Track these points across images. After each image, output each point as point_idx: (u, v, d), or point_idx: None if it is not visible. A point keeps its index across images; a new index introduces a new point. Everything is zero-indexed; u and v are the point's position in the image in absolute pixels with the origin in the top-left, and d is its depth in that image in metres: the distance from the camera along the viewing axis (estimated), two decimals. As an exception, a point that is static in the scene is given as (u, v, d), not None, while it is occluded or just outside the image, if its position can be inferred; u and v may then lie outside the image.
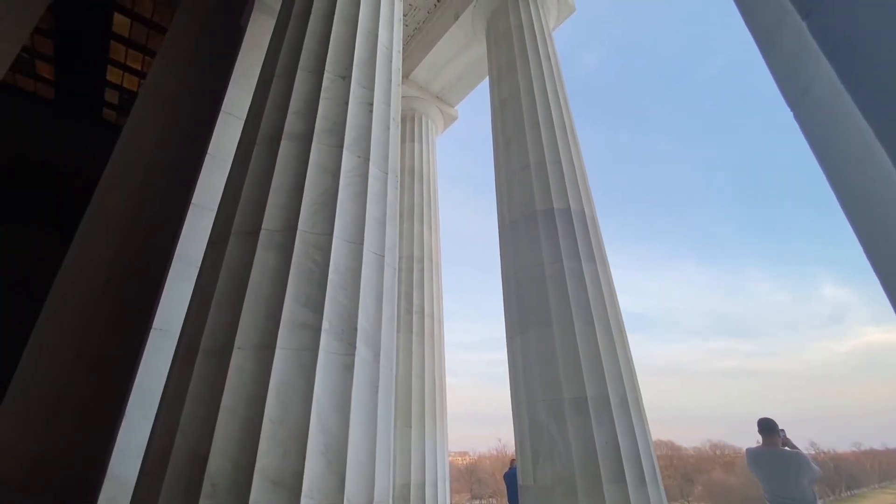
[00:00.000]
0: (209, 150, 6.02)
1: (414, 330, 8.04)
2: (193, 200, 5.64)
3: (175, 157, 6.79)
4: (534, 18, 7.28)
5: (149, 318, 5.04)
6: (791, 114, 1.12)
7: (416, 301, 8.36)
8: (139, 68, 11.67)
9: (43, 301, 5.49)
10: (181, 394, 2.56)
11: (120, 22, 10.35)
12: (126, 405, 4.52)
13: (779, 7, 1.03)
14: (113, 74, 11.84)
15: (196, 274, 3.26)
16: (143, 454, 2.62)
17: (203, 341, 2.66)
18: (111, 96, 12.56)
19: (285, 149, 3.31)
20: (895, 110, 0.84)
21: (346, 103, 3.62)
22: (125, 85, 12.16)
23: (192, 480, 2.28)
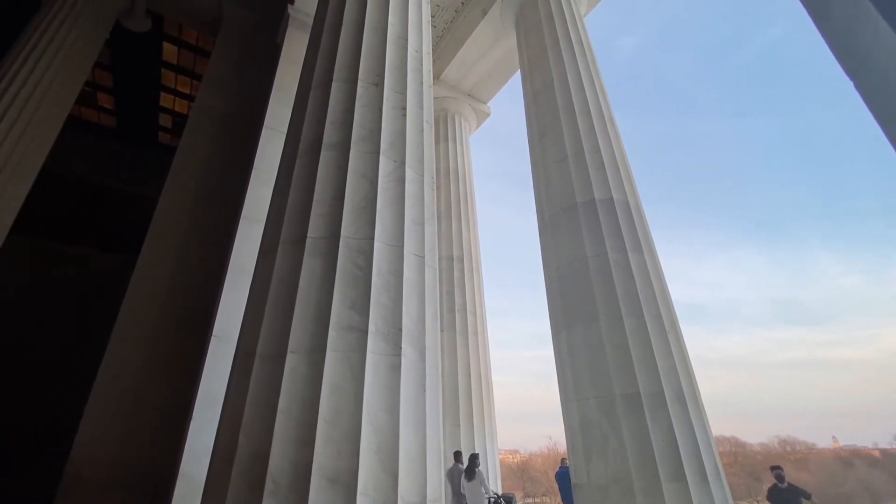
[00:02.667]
0: (255, 165, 6.32)
1: (457, 328, 8.08)
2: (243, 213, 5.94)
3: (224, 172, 7.20)
4: (563, 6, 7.10)
5: (209, 326, 5.36)
6: (851, 83, 1.03)
7: (457, 300, 8.39)
8: (188, 92, 12.44)
9: (114, 317, 5.98)
10: (242, 396, 2.71)
11: (169, 50, 11.08)
12: (193, 408, 4.82)
13: (832, -29, 0.95)
14: (165, 100, 12.69)
15: (249, 283, 3.43)
16: (210, 454, 2.79)
17: (259, 346, 2.81)
18: (165, 120, 13.47)
19: (325, 158, 3.42)
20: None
21: (380, 109, 3.69)
22: (177, 109, 13.01)
23: (255, 479, 2.41)
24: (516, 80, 9.24)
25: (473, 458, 6.08)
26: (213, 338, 5.17)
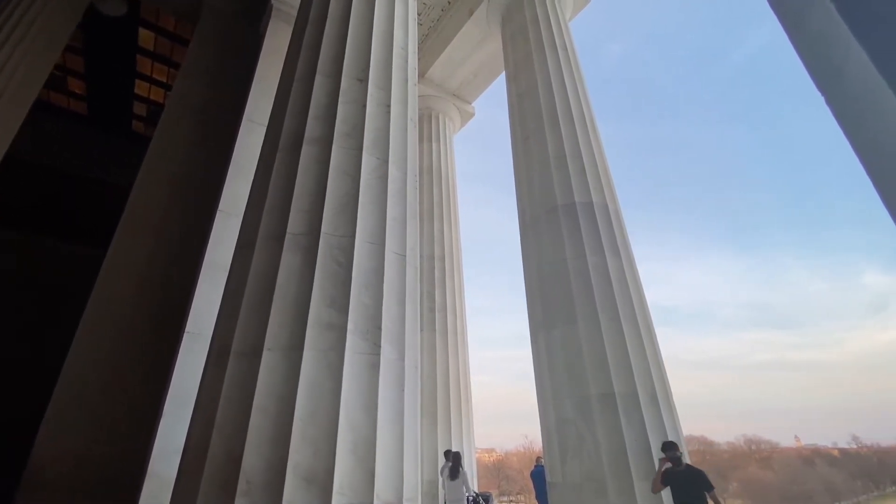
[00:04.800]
0: (233, 158, 6.18)
1: (437, 328, 8.08)
2: (220, 207, 5.80)
3: (201, 165, 7.01)
4: (549, 11, 7.17)
5: (182, 322, 5.22)
6: (822, 98, 1.08)
7: (438, 299, 8.39)
8: (165, 80, 12.05)
9: (83, 309, 5.76)
10: (215, 394, 2.65)
11: (145, 36, 10.71)
12: (164, 405, 4.69)
13: (806, -12, 0.99)
14: (140, 87, 12.26)
15: (225, 278, 3.36)
16: (181, 453, 2.72)
17: (234, 343, 2.75)
18: (140, 109, 13.02)
19: (306, 154, 3.37)
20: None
21: (364, 105, 3.66)
22: (152, 97, 12.58)
23: (228, 478, 2.36)
24: (501, 81, 9.30)
25: (457, 458, 6.09)
26: (186, 334, 5.04)
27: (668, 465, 3.85)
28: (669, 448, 3.91)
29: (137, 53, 11.20)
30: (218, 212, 5.74)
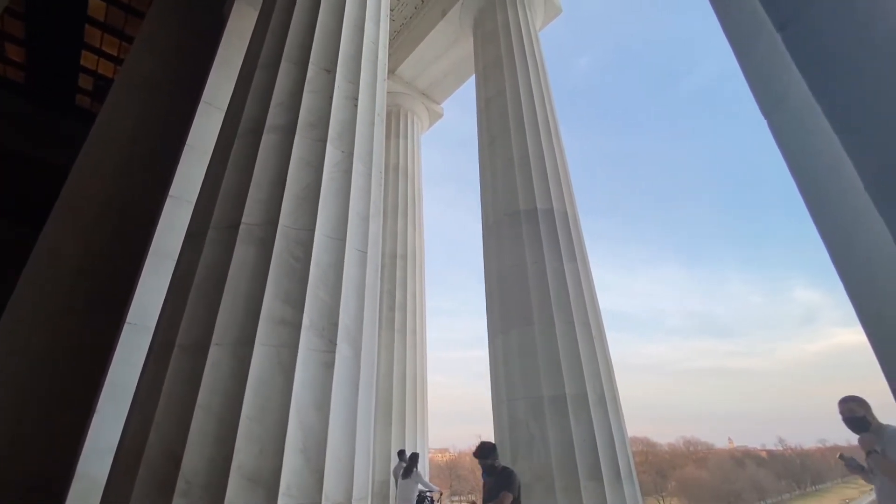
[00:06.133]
0: (188, 141, 5.88)
1: (396, 327, 8.03)
2: (171, 192, 5.50)
3: (152, 146, 6.60)
4: (521, 18, 7.30)
5: (122, 312, 4.91)
6: (765, 122, 1.15)
7: (398, 298, 8.34)
8: (116, 54, 11.29)
9: (9, 294, 5.29)
10: (156, 390, 2.50)
11: (96, 5, 9.99)
12: (98, 401, 4.39)
13: (755, 19, 1.06)
14: (88, 59, 11.42)
15: (173, 267, 3.19)
16: (114, 452, 2.56)
17: (179, 337, 2.61)
18: (85, 82, 12.11)
19: (267, 142, 3.26)
20: (864, 123, 0.88)
21: (331, 97, 3.57)
22: (101, 71, 11.75)
23: (165, 479, 2.24)
24: (472, 84, 9.36)
25: (413, 458, 6.08)
26: (127, 325, 4.74)
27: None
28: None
29: (87, 23, 10.43)
30: (168, 197, 5.45)
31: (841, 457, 2.73)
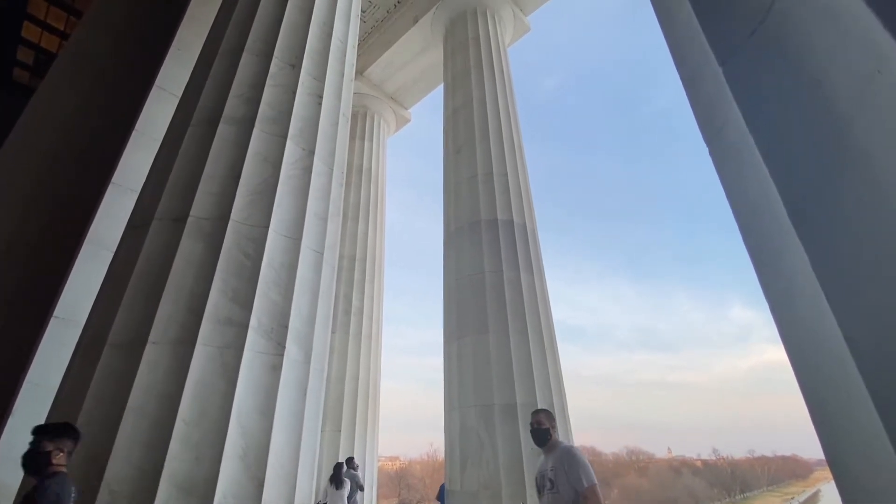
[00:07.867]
0: (137, 126, 5.54)
1: (351, 331, 7.87)
2: (114, 179, 5.16)
3: (95, 129, 6.16)
4: (490, 32, 7.45)
5: (50, 306, 4.52)
6: (707, 150, 1.24)
7: (355, 302, 8.18)
8: (62, 28, 10.51)
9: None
10: (81, 390, 2.32)
11: (41, -27, 9.30)
12: (14, 402, 4.02)
13: (702, 53, 1.14)
14: (30, 31, 10.57)
15: (110, 259, 2.98)
16: (28, 458, 2.33)
17: (112, 333, 2.43)
18: (25, 55, 11.19)
19: (223, 133, 3.13)
20: (789, 157, 0.96)
21: (294, 93, 3.49)
22: (43, 44, 10.90)
23: (86, 487, 2.07)
24: (439, 92, 9.42)
25: (338, 468, 5.97)
26: (53, 319, 4.38)
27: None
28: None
29: (29, -9, 9.68)
30: (111, 184, 5.11)
31: None
